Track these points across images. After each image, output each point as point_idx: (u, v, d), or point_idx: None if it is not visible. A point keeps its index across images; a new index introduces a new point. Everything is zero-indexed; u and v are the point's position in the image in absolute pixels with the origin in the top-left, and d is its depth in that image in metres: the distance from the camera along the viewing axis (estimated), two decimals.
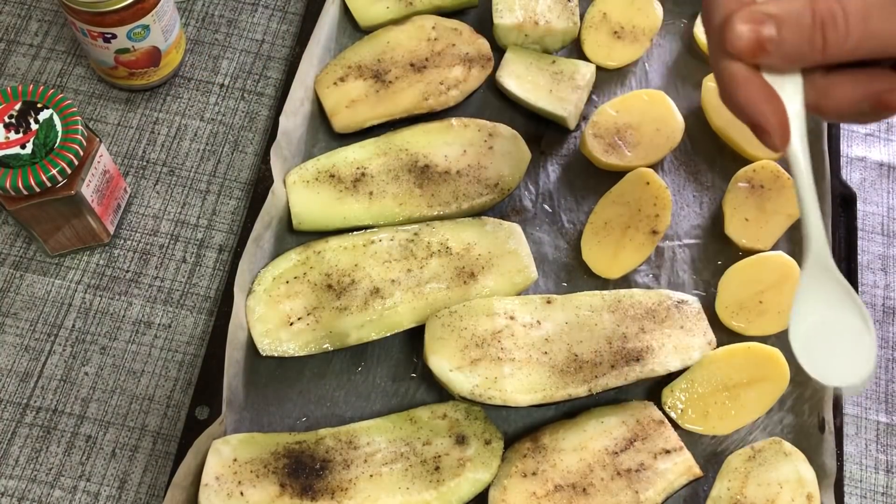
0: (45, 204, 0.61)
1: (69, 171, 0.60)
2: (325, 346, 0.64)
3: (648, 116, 0.74)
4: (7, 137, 0.59)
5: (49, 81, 0.75)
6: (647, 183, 0.71)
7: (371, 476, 0.60)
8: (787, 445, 0.63)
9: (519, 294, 0.67)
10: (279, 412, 0.64)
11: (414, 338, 0.67)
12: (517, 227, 0.69)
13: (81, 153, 0.60)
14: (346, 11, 0.78)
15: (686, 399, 0.65)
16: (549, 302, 0.65)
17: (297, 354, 0.64)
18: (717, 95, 0.74)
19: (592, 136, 0.73)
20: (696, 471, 0.62)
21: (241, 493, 0.58)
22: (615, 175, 0.73)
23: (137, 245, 0.70)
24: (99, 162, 0.63)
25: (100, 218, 0.65)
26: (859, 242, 0.75)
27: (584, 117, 0.76)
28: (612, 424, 0.63)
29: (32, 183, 0.58)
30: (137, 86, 0.74)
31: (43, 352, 0.66)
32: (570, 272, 0.71)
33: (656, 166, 0.74)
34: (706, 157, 0.76)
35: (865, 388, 0.69)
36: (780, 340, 0.68)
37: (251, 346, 0.64)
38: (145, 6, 0.66)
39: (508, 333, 0.64)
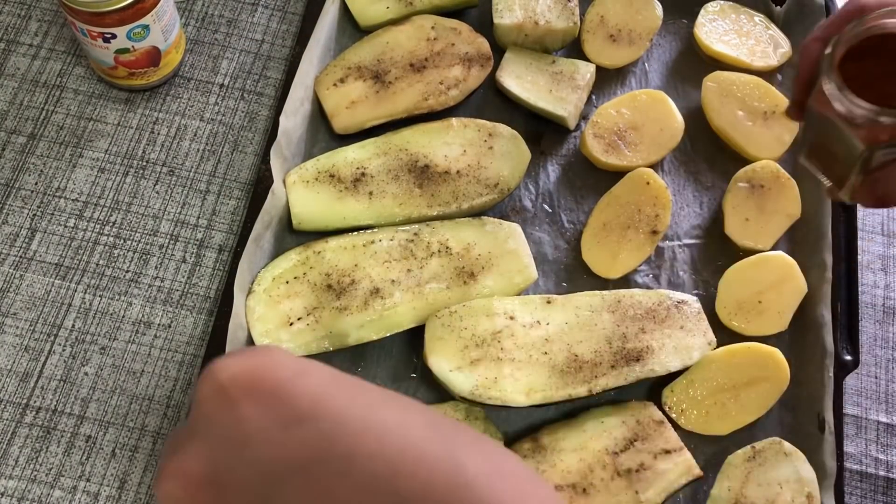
0: None
1: None
2: (324, 346, 0.64)
3: (648, 116, 0.74)
4: None
5: (49, 81, 0.75)
6: (647, 183, 0.71)
7: None
8: (787, 445, 0.63)
9: (519, 294, 0.67)
10: None
11: (414, 338, 0.67)
12: (517, 227, 0.69)
13: None
14: (346, 11, 0.78)
15: (686, 399, 0.65)
16: (549, 302, 0.65)
17: (296, 355, 0.64)
18: (717, 96, 0.75)
19: (592, 136, 0.73)
20: (696, 471, 0.62)
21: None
22: (615, 175, 0.73)
23: (137, 245, 0.70)
24: None
25: None
26: (859, 242, 0.74)
27: (584, 117, 0.76)
28: (612, 424, 0.63)
29: None
30: (137, 86, 0.74)
31: (43, 352, 0.66)
32: (570, 272, 0.71)
33: (656, 166, 0.74)
34: (706, 157, 0.76)
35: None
36: (780, 340, 0.68)
37: (251, 346, 0.64)
38: (145, 6, 0.66)
39: (508, 333, 0.64)
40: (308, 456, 0.31)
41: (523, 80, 0.75)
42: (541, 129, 0.76)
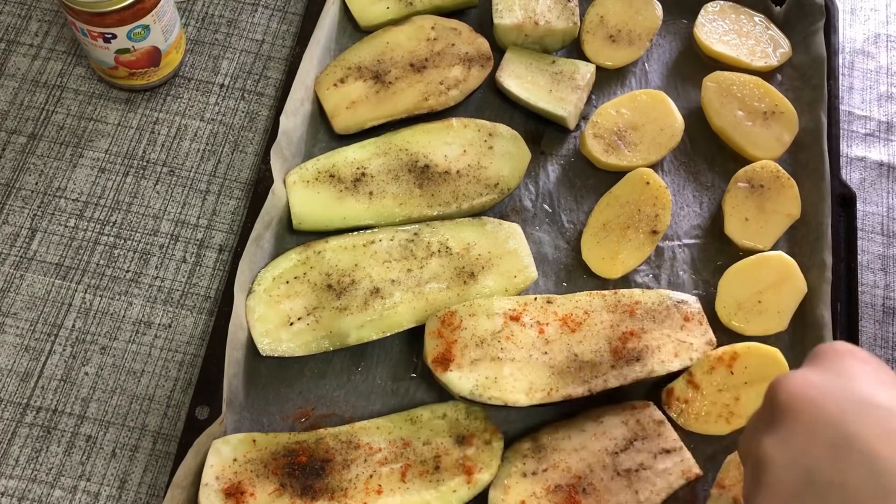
0: None
1: None
2: (325, 346, 0.64)
3: (648, 116, 0.74)
4: None
5: (49, 81, 0.75)
6: (647, 183, 0.71)
7: (371, 476, 0.60)
8: None
9: (519, 294, 0.67)
10: (279, 412, 0.64)
11: (414, 338, 0.67)
12: (517, 227, 0.69)
13: None
14: (346, 11, 0.78)
15: (686, 399, 0.65)
16: (549, 302, 0.65)
17: (297, 354, 0.64)
18: (717, 96, 0.75)
19: (592, 136, 0.73)
20: (696, 471, 0.62)
21: (241, 493, 0.58)
22: (615, 175, 0.73)
23: (137, 245, 0.70)
24: None
25: None
26: (859, 242, 0.75)
27: (584, 117, 0.76)
28: (612, 424, 0.63)
29: None
30: (137, 86, 0.74)
31: (43, 352, 0.66)
32: (570, 272, 0.71)
33: (656, 166, 0.74)
34: (706, 157, 0.76)
35: None
36: (780, 340, 0.68)
37: (251, 346, 0.64)
38: (145, 6, 0.66)
39: (508, 333, 0.64)
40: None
41: (523, 80, 0.75)
42: (541, 129, 0.76)
